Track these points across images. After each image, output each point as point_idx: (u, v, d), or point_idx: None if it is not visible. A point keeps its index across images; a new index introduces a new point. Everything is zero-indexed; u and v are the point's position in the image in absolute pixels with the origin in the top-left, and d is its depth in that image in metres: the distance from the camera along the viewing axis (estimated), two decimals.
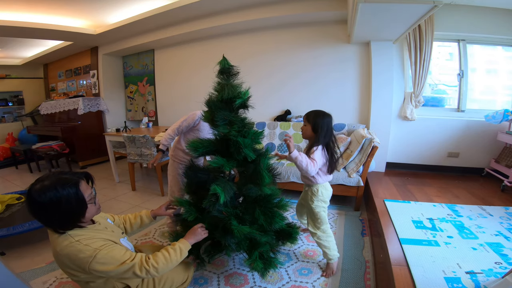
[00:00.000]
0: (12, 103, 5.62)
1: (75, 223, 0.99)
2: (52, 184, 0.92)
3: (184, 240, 1.24)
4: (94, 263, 0.94)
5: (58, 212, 0.92)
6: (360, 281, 1.58)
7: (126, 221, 1.42)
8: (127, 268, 1.00)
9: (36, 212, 0.93)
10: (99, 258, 0.94)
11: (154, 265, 1.06)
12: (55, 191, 0.91)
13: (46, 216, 0.93)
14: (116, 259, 0.98)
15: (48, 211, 0.91)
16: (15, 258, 1.92)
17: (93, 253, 0.94)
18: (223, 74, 1.46)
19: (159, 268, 1.07)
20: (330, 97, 3.27)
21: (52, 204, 0.90)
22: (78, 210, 0.97)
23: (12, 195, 2.51)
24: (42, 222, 0.95)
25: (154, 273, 1.05)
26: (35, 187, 0.92)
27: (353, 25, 2.35)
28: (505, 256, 1.41)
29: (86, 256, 0.93)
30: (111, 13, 3.49)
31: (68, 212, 0.94)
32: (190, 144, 1.48)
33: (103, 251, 0.96)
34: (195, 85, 4.07)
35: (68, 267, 0.98)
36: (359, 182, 2.44)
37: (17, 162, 4.72)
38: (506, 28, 2.62)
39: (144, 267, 1.03)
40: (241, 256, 1.83)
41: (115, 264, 0.97)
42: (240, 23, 3.25)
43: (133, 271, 1.01)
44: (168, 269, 1.12)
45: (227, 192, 1.34)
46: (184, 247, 1.20)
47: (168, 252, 1.14)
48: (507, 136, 2.53)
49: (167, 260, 1.11)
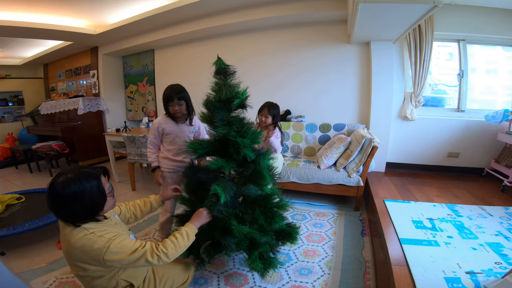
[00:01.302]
0: (12, 103, 5.62)
1: (93, 216, 1.03)
2: (76, 177, 0.96)
3: (190, 224, 1.27)
4: (108, 253, 0.97)
5: (80, 204, 0.96)
6: (360, 281, 1.58)
7: (135, 208, 1.45)
8: (139, 255, 1.03)
9: (58, 205, 0.96)
10: (112, 247, 0.98)
11: (164, 250, 1.09)
12: (79, 183, 0.95)
13: (67, 209, 0.96)
14: (128, 247, 1.02)
15: (71, 203, 0.95)
16: (15, 258, 1.92)
17: (107, 243, 0.97)
18: (219, 74, 1.46)
19: (169, 253, 1.10)
20: (330, 97, 3.28)
21: (75, 196, 0.94)
22: (99, 202, 1.02)
23: (12, 195, 2.51)
24: (60, 216, 0.99)
25: (164, 258, 1.08)
26: (58, 180, 0.95)
27: (353, 25, 2.35)
28: (505, 256, 1.41)
29: (100, 247, 0.96)
30: (111, 13, 3.49)
31: (89, 204, 0.98)
32: (190, 145, 1.48)
33: (115, 241, 1.00)
34: (195, 85, 4.02)
35: (80, 260, 1.00)
36: (359, 182, 2.44)
37: (17, 162, 4.72)
38: (506, 28, 2.61)
39: (155, 253, 1.06)
40: (241, 256, 1.83)
41: (127, 252, 1.01)
42: (240, 23, 3.25)
43: (145, 258, 1.04)
44: (177, 253, 1.15)
45: (227, 192, 1.34)
46: (190, 231, 1.22)
47: (175, 238, 1.16)
48: (507, 136, 2.52)
49: (175, 245, 1.14)
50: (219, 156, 1.42)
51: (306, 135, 3.16)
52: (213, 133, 1.50)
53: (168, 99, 1.70)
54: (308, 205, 2.68)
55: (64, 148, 4.21)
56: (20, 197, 2.50)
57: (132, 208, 1.44)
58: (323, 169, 2.59)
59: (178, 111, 1.72)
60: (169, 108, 1.72)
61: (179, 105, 1.71)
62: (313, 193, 2.72)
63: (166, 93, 1.70)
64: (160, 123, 1.79)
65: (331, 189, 2.57)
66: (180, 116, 1.76)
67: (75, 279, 1.64)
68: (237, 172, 1.57)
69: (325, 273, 1.66)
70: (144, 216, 1.52)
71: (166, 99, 1.71)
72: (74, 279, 1.65)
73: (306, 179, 2.61)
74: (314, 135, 3.14)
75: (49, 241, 2.12)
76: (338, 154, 2.61)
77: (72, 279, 1.65)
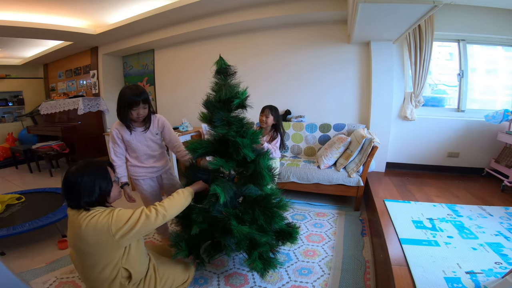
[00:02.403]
0: (12, 103, 5.62)
1: (102, 201, 1.14)
2: (87, 165, 1.11)
3: (187, 187, 1.35)
4: (113, 223, 1.06)
5: (90, 189, 1.08)
6: (360, 281, 1.58)
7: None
8: (139, 212, 1.12)
9: (70, 191, 1.07)
10: (115, 216, 1.08)
11: (161, 204, 1.21)
12: (90, 170, 1.10)
13: (78, 195, 1.06)
14: (128, 212, 1.12)
15: (83, 188, 1.06)
16: (15, 258, 1.92)
17: (110, 212, 1.08)
18: (220, 74, 1.46)
19: (166, 205, 1.20)
20: (330, 97, 3.28)
21: (88, 181, 1.07)
22: (107, 188, 1.15)
23: (12, 195, 2.51)
24: (72, 201, 1.08)
25: (162, 211, 1.17)
26: (71, 169, 1.09)
27: (353, 25, 2.35)
28: (505, 256, 1.40)
29: (106, 218, 1.06)
30: (111, 13, 3.49)
31: (98, 189, 1.10)
32: (189, 146, 1.48)
33: (117, 210, 1.12)
34: (195, 85, 4.07)
35: (91, 244, 1.06)
36: (359, 182, 2.44)
37: (17, 162, 4.72)
38: (506, 28, 2.61)
39: (153, 207, 1.18)
40: (241, 256, 1.83)
41: (128, 215, 1.10)
42: (240, 23, 3.25)
43: (145, 213, 1.13)
44: (174, 208, 1.24)
45: (227, 192, 1.34)
46: (186, 191, 1.32)
47: (172, 196, 1.28)
48: (507, 136, 2.52)
49: (171, 200, 1.25)
50: (218, 156, 1.42)
51: (306, 135, 3.17)
52: (213, 133, 1.50)
53: (132, 103, 1.50)
54: (308, 205, 2.68)
55: (64, 148, 4.21)
56: (20, 197, 2.50)
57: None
58: (323, 169, 2.59)
59: (142, 115, 1.56)
60: (131, 113, 1.53)
61: (143, 109, 1.55)
62: (313, 193, 2.72)
63: (129, 96, 1.50)
64: (118, 129, 1.61)
65: (331, 189, 2.57)
66: (141, 120, 1.60)
67: (75, 279, 1.64)
68: (237, 172, 1.57)
69: (325, 273, 1.66)
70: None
71: (129, 104, 1.50)
72: (74, 279, 1.65)
73: (306, 179, 2.61)
74: (314, 135, 3.14)
75: (49, 241, 2.12)
76: (338, 154, 2.61)
77: (72, 279, 1.65)
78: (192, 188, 1.37)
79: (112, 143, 1.65)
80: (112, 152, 1.66)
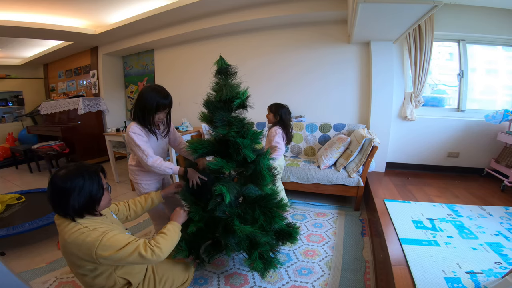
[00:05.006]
0: (12, 103, 5.62)
1: (90, 210, 1.04)
2: (77, 170, 1.00)
3: (173, 221, 1.28)
4: (100, 247, 0.95)
5: (79, 196, 0.97)
6: (360, 281, 1.58)
7: (136, 204, 1.45)
8: (132, 249, 1.00)
9: (58, 197, 0.97)
10: (105, 241, 0.96)
11: (157, 244, 1.07)
12: (80, 175, 0.99)
13: (66, 201, 0.96)
14: (120, 241, 1.00)
15: (71, 195, 0.96)
16: (15, 258, 1.92)
17: (100, 236, 0.97)
18: (220, 74, 1.45)
19: (162, 246, 1.07)
20: (330, 97, 3.28)
21: (76, 188, 0.97)
22: (97, 195, 1.03)
23: (12, 195, 2.51)
24: (58, 209, 0.99)
25: (158, 252, 1.05)
26: (59, 173, 0.98)
27: (353, 25, 2.35)
28: (505, 256, 1.41)
29: (93, 240, 0.95)
30: (111, 13, 3.49)
31: (88, 197, 1.00)
32: (190, 146, 1.48)
33: (108, 235, 0.99)
34: (195, 85, 4.07)
35: (75, 256, 0.98)
36: (359, 182, 2.44)
37: (17, 162, 4.72)
38: (506, 28, 2.61)
39: (149, 246, 1.04)
40: (241, 256, 1.83)
41: (120, 246, 0.98)
42: (240, 23, 3.25)
43: (139, 252, 1.01)
44: (170, 247, 1.13)
45: (231, 192, 1.35)
46: (176, 227, 1.23)
47: (164, 233, 1.16)
48: (507, 136, 2.52)
49: (166, 239, 1.12)
50: (219, 156, 1.42)
51: (306, 135, 3.17)
52: (213, 133, 1.49)
53: (160, 106, 1.39)
54: (308, 205, 2.68)
55: (64, 148, 4.21)
56: (20, 197, 2.50)
57: (132, 205, 1.44)
58: (323, 169, 2.59)
59: (162, 119, 1.49)
60: (154, 117, 1.42)
61: (165, 112, 1.47)
62: (313, 193, 2.72)
63: (157, 99, 1.37)
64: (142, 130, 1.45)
65: (331, 189, 2.57)
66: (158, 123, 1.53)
67: (75, 279, 1.64)
68: (237, 172, 1.57)
69: (325, 273, 1.66)
70: (145, 212, 1.51)
71: (157, 107, 1.38)
72: (74, 279, 1.65)
73: (306, 179, 2.61)
74: (314, 135, 3.14)
75: (49, 241, 2.12)
76: (338, 154, 2.61)
77: (72, 279, 1.65)
78: (178, 221, 1.29)
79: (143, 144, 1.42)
80: (149, 153, 1.44)
